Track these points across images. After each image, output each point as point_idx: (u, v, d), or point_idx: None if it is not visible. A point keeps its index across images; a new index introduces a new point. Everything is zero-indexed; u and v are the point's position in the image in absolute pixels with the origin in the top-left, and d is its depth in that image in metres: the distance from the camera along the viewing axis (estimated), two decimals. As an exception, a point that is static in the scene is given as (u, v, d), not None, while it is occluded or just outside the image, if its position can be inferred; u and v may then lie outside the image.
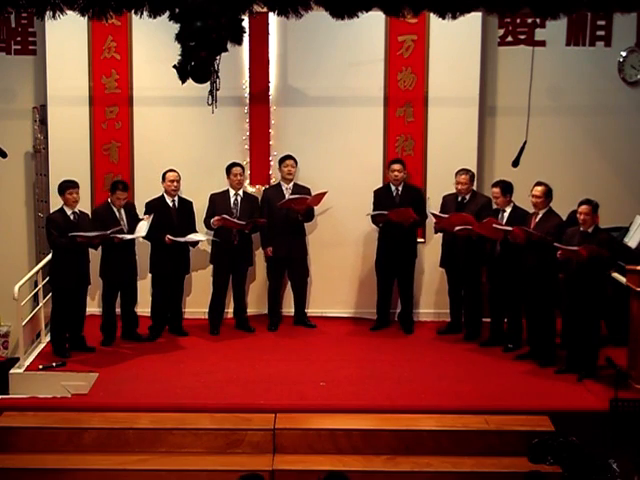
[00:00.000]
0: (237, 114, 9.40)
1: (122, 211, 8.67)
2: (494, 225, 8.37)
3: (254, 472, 5.85)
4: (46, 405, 7.53)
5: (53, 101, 9.41)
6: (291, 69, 9.44)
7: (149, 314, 9.05)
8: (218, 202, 9.07)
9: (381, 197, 9.16)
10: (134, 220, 8.72)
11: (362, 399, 7.61)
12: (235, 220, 8.92)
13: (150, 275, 9.06)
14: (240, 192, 9.13)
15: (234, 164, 9.11)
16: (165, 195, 8.94)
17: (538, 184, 8.25)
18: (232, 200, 9.08)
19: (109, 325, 8.80)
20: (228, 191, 9.11)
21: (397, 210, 8.92)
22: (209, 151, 9.46)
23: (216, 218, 8.90)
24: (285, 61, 9.42)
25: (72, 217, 8.41)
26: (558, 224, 8.14)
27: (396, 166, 9.07)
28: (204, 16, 6.19)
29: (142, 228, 8.62)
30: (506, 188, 8.54)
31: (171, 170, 8.92)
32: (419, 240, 9.44)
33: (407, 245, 9.18)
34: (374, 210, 9.10)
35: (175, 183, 8.91)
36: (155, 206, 8.89)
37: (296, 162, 9.21)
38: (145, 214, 8.83)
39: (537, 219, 8.26)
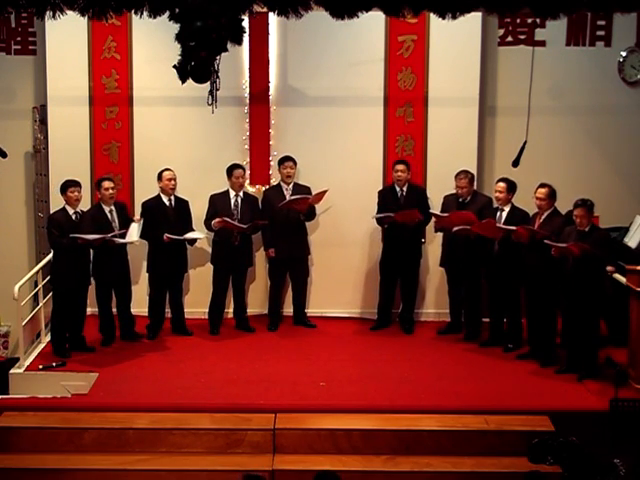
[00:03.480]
0: (237, 114, 9.40)
1: (114, 212, 8.64)
2: (498, 225, 8.38)
3: (256, 473, 5.85)
4: (46, 405, 7.53)
5: (53, 101, 9.41)
6: (291, 69, 9.44)
7: (146, 313, 9.06)
8: (219, 203, 9.05)
9: (386, 198, 9.15)
10: (126, 221, 8.69)
11: (362, 399, 7.61)
12: (236, 223, 8.91)
13: (147, 274, 9.06)
14: (241, 193, 9.11)
15: (236, 166, 9.08)
16: (161, 194, 8.93)
17: (542, 186, 8.25)
18: (232, 201, 9.07)
19: (107, 325, 8.79)
20: (228, 192, 9.09)
21: (403, 212, 8.92)
22: (209, 151, 9.46)
23: (217, 220, 8.88)
24: (285, 61, 9.42)
25: (74, 217, 8.42)
26: (562, 224, 8.13)
27: (400, 166, 9.07)
28: (204, 16, 6.19)
29: (133, 232, 8.59)
30: (511, 186, 8.55)
31: (167, 169, 8.91)
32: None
33: (412, 245, 9.17)
34: (378, 210, 9.11)
35: (173, 181, 8.90)
36: (152, 206, 8.88)
37: (295, 163, 9.21)
38: (141, 215, 8.82)
39: (541, 220, 8.26)
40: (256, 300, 9.61)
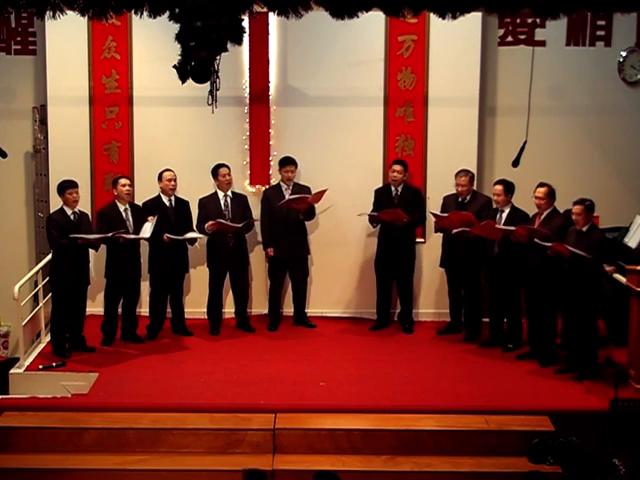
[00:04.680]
0: (237, 114, 9.40)
1: (128, 212, 8.67)
2: (497, 226, 8.38)
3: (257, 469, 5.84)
4: (46, 405, 7.53)
5: (53, 101, 9.41)
6: (291, 69, 9.44)
7: (147, 313, 9.07)
8: (209, 206, 9.05)
9: (381, 196, 9.16)
10: (140, 221, 8.70)
11: (362, 399, 7.61)
12: (230, 223, 8.91)
13: (149, 275, 9.06)
14: (229, 193, 9.12)
15: (220, 165, 9.07)
16: (162, 195, 8.94)
17: (541, 185, 8.25)
18: (222, 202, 9.07)
19: (110, 325, 8.79)
20: (216, 193, 9.10)
21: (388, 211, 8.93)
22: (209, 151, 9.45)
23: (210, 223, 8.88)
24: (285, 61, 9.42)
25: (72, 217, 8.42)
26: (562, 224, 8.13)
27: (396, 167, 9.07)
28: (204, 16, 6.19)
29: (146, 229, 8.62)
30: (509, 187, 8.55)
31: (168, 170, 8.93)
32: (419, 240, 9.45)
33: (406, 245, 9.17)
34: (373, 209, 9.11)
35: (173, 182, 8.92)
36: (152, 206, 8.87)
37: (296, 165, 9.21)
38: (144, 214, 8.83)
39: (541, 219, 8.26)
40: (256, 300, 9.61)
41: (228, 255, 9.06)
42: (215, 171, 9.07)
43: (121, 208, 8.67)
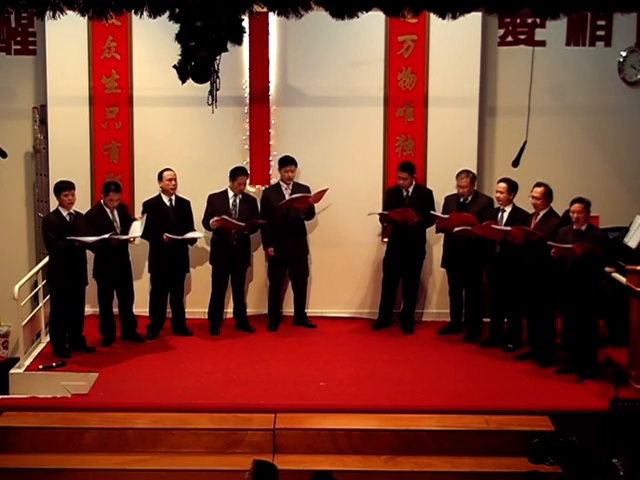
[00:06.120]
0: (237, 114, 9.40)
1: (115, 213, 8.66)
2: (493, 226, 8.38)
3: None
4: (46, 405, 7.54)
5: (53, 101, 9.41)
6: (291, 69, 9.44)
7: (146, 313, 9.06)
8: (217, 203, 9.06)
9: (392, 197, 9.17)
10: (127, 221, 8.72)
11: (362, 399, 7.61)
12: (234, 221, 8.91)
13: (149, 274, 9.06)
14: (239, 194, 9.14)
15: (242, 171, 9.06)
16: (162, 194, 8.94)
17: (538, 185, 8.26)
18: (231, 201, 9.08)
19: (107, 325, 8.79)
20: (227, 192, 9.11)
21: (398, 210, 8.93)
22: (209, 151, 9.46)
23: (215, 219, 8.89)
24: (285, 61, 9.42)
25: (68, 218, 8.41)
26: (558, 224, 8.14)
27: (401, 174, 9.04)
28: (204, 16, 6.19)
29: (136, 228, 8.63)
30: (512, 186, 8.55)
31: (168, 169, 8.93)
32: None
33: (416, 245, 9.17)
34: (384, 208, 9.12)
35: (173, 182, 8.92)
36: (152, 206, 8.89)
37: (296, 165, 9.21)
38: (142, 213, 8.83)
39: (537, 219, 8.26)
40: (256, 300, 9.61)
41: (230, 254, 9.06)
42: (234, 174, 9.02)
43: (107, 210, 8.66)
